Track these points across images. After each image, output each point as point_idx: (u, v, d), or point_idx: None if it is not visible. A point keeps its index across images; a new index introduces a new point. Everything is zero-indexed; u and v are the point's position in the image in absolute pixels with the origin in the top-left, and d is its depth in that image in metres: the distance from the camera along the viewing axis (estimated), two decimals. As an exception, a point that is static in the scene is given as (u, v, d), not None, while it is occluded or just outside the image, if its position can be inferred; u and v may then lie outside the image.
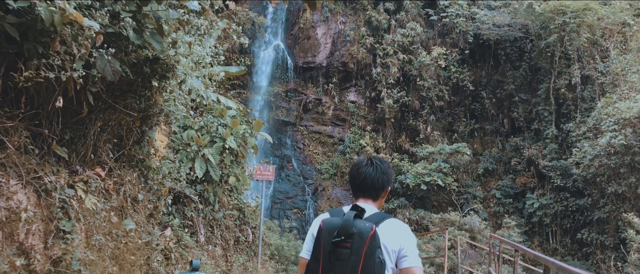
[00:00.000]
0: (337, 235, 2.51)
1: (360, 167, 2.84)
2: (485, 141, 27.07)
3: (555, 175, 23.68)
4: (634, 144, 19.23)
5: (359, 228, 2.52)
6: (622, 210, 20.97)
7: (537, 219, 24.13)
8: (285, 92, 27.03)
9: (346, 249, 2.49)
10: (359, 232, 2.51)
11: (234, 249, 11.43)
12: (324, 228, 2.57)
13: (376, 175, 2.80)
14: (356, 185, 2.85)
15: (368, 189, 2.80)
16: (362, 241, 2.49)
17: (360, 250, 2.48)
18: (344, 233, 2.51)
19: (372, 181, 2.80)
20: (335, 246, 2.51)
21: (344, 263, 2.49)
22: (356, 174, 2.84)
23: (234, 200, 11.75)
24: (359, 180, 2.82)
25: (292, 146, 26.83)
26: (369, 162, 2.85)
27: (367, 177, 2.80)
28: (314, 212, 25.31)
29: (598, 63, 23.01)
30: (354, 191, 2.87)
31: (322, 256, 2.55)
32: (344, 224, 2.53)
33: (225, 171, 10.32)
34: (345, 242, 2.50)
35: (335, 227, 2.54)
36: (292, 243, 20.02)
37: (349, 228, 2.52)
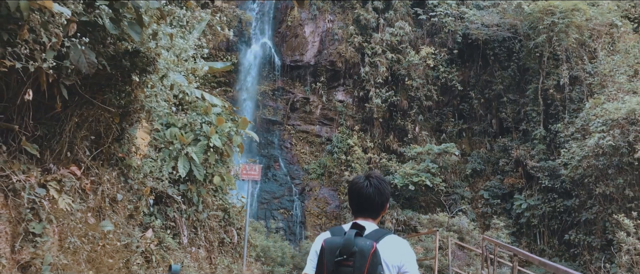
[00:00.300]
0: (339, 254, 2.58)
1: (360, 189, 2.89)
2: (474, 141, 26.98)
3: (543, 176, 23.63)
4: (621, 145, 19.18)
5: (360, 246, 2.60)
6: (610, 211, 20.96)
7: (525, 220, 24.05)
8: (273, 91, 26.69)
9: (349, 268, 2.57)
10: (361, 250, 2.59)
11: (218, 251, 11.10)
12: (326, 247, 2.64)
13: (375, 196, 2.86)
14: (356, 205, 2.92)
15: (368, 209, 2.88)
16: (364, 258, 2.57)
17: (363, 268, 2.55)
18: (346, 252, 2.59)
19: (372, 202, 2.87)
20: (338, 265, 2.58)
21: None
22: (356, 195, 2.90)
23: (219, 200, 11.41)
24: (359, 201, 2.89)
25: (279, 146, 26.50)
26: (368, 184, 2.88)
27: (367, 199, 2.86)
28: (301, 212, 25.01)
29: (586, 64, 23.00)
30: (354, 210, 2.93)
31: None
32: (345, 243, 2.61)
33: (210, 170, 9.98)
34: (347, 260, 2.58)
35: (338, 246, 2.61)
36: (278, 244, 19.73)
37: (351, 247, 2.60)
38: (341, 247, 2.62)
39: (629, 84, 20.72)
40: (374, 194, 2.86)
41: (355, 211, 2.93)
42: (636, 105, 18.94)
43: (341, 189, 25.28)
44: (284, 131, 26.54)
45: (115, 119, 6.97)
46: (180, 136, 9.59)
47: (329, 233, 2.85)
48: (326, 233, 2.87)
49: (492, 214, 24.94)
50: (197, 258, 10.10)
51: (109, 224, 6.68)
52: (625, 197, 19.91)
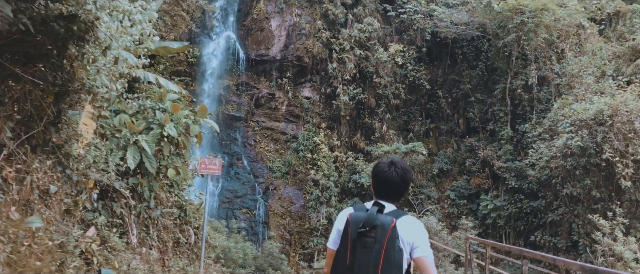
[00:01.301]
0: (362, 226, 2.84)
1: (387, 176, 3.07)
2: (441, 141, 26.63)
3: (509, 176, 23.43)
4: (589, 146, 19.06)
5: (381, 221, 2.85)
6: (576, 212, 20.87)
7: (491, 221, 23.81)
8: (236, 86, 25.69)
9: (371, 238, 2.81)
10: (382, 224, 2.83)
11: (172, 252, 10.14)
12: (351, 220, 2.90)
13: (401, 184, 3.06)
14: (380, 189, 3.10)
15: (390, 193, 3.08)
16: (384, 231, 2.81)
17: (383, 239, 2.80)
18: (368, 224, 2.83)
19: (395, 187, 3.06)
20: (361, 236, 2.84)
21: (368, 249, 2.81)
22: (382, 181, 3.08)
23: (174, 197, 10.45)
24: (384, 186, 3.08)
25: (242, 143, 25.52)
26: (394, 172, 3.06)
27: (391, 184, 3.06)
28: (264, 212, 24.10)
29: (554, 64, 22.92)
30: (377, 192, 3.12)
31: (349, 244, 2.86)
32: (369, 217, 2.86)
33: (163, 162, 9.03)
34: (369, 232, 2.82)
35: (361, 219, 2.87)
36: (240, 245, 18.82)
37: (374, 220, 2.85)
38: (365, 220, 2.86)
39: (596, 85, 20.67)
40: (399, 182, 3.06)
41: (378, 193, 3.11)
42: (604, 106, 18.85)
43: (307, 188, 24.51)
44: (247, 127, 25.58)
45: (48, 98, 6.00)
46: (130, 124, 8.62)
47: (352, 209, 3.06)
48: (349, 209, 3.08)
49: (458, 214, 24.61)
50: (148, 260, 9.13)
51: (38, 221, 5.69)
52: (591, 199, 19.81)
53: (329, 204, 23.98)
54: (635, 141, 18.47)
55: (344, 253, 2.91)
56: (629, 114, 18.61)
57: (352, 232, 2.88)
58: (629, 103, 18.66)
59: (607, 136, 18.74)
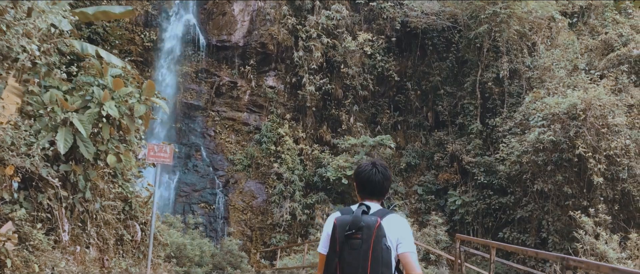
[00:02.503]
0: (348, 228, 2.95)
1: (369, 175, 3.18)
2: (409, 134, 25.86)
3: (478, 171, 22.84)
4: (562, 141, 18.55)
5: (366, 222, 2.95)
6: (546, 209, 20.42)
7: (459, 217, 23.19)
8: (196, 73, 24.21)
9: (358, 240, 2.92)
10: (367, 225, 2.93)
11: (115, 251, 8.85)
12: (337, 224, 3.01)
13: (382, 182, 3.18)
14: (364, 189, 3.20)
15: (374, 193, 3.18)
16: (370, 231, 2.91)
17: (369, 239, 2.90)
18: (354, 227, 2.94)
19: (379, 186, 3.17)
20: (348, 238, 2.95)
21: (356, 250, 2.90)
22: (364, 180, 3.19)
23: (118, 188, 9.15)
24: (367, 185, 3.19)
25: (201, 133, 24.08)
26: (376, 171, 3.17)
27: (375, 184, 3.16)
28: (223, 206, 22.78)
29: (526, 57, 22.41)
30: (361, 192, 3.23)
31: (338, 246, 2.94)
32: (354, 220, 2.97)
33: (102, 147, 7.72)
34: (356, 234, 2.93)
35: (347, 222, 2.99)
36: (196, 242, 17.50)
37: (359, 222, 2.95)
38: (350, 222, 2.96)
39: (568, 79, 20.21)
40: (382, 181, 3.18)
41: (362, 193, 3.21)
42: (577, 100, 18.37)
43: (270, 182, 23.31)
44: (207, 117, 24.16)
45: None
46: (63, 101, 7.29)
47: (339, 213, 3.15)
48: (336, 213, 3.17)
49: (426, 210, 23.92)
50: (83, 260, 7.83)
51: None
52: (562, 194, 19.35)
53: (292, 198, 22.86)
54: (608, 136, 18.05)
55: (333, 256, 2.97)
56: (602, 108, 18.18)
57: (339, 235, 2.95)
58: (601, 97, 18.23)
59: (580, 131, 18.27)
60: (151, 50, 23.21)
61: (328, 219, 3.21)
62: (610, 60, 20.15)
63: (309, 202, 22.85)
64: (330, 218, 3.19)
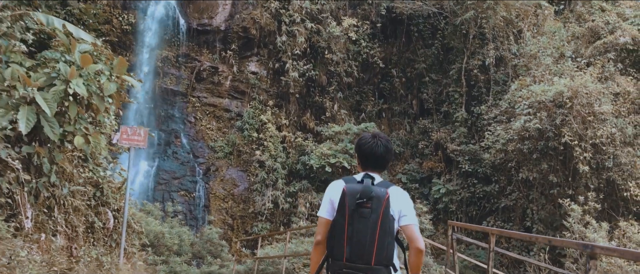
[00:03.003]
0: (359, 197, 3.02)
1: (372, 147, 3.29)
2: (393, 122, 25.53)
3: (463, 160, 22.62)
4: (548, 129, 18.36)
5: (376, 192, 3.05)
6: (531, 197, 20.29)
7: (442, 206, 22.99)
8: (176, 57, 23.51)
9: (367, 209, 3.00)
10: (377, 195, 3.03)
11: (85, 239, 8.33)
12: (347, 191, 3.06)
13: (385, 155, 3.32)
14: (365, 161, 3.32)
15: (377, 165, 3.31)
16: (380, 202, 3.01)
17: (379, 209, 3.00)
18: (365, 196, 3.02)
19: (382, 158, 3.31)
20: (358, 206, 3.02)
21: (366, 219, 2.99)
22: (367, 152, 3.30)
23: (88, 172, 8.61)
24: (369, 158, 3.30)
25: (181, 119, 23.44)
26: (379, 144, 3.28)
27: (378, 156, 3.29)
28: (204, 195, 22.24)
29: (512, 44, 22.15)
30: (363, 165, 3.34)
31: (347, 214, 3.00)
32: (365, 189, 3.06)
33: (69, 128, 7.17)
34: (366, 203, 3.01)
35: (358, 191, 3.06)
36: (175, 230, 17.01)
37: (369, 192, 3.04)
38: (361, 191, 3.04)
39: (555, 66, 20.00)
40: (384, 153, 3.32)
41: (364, 166, 3.34)
42: (564, 87, 18.16)
43: (251, 169, 22.82)
44: (187, 103, 23.51)
45: None
46: (25, 77, 6.71)
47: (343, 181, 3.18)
48: (340, 181, 3.21)
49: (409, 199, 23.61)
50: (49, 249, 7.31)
51: None
52: (547, 183, 19.20)
53: (275, 187, 22.41)
54: (594, 124, 17.89)
55: (342, 221, 3.01)
56: (588, 96, 17.99)
57: (349, 203, 2.99)
58: (588, 85, 18.04)
59: (567, 119, 18.09)
60: (129, 33, 22.45)
61: (332, 186, 3.24)
62: (597, 48, 19.98)
63: (291, 191, 22.43)
64: (335, 185, 3.22)
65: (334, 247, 3.04)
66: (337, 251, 3.01)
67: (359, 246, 2.96)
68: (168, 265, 15.08)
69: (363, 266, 2.96)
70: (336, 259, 3.02)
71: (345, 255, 2.98)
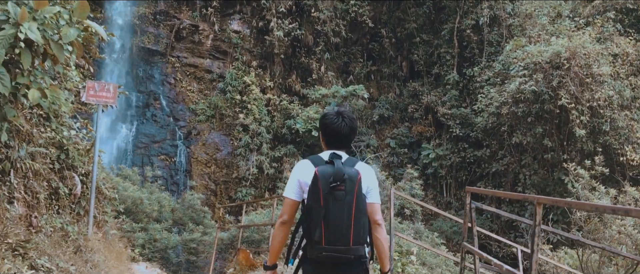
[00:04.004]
0: (333, 181, 2.94)
1: (336, 127, 3.15)
2: (382, 85, 24.66)
3: (454, 124, 21.95)
4: (544, 91, 17.68)
5: (349, 174, 2.97)
6: (523, 162, 19.78)
7: (432, 171, 22.41)
8: (154, 15, 22.16)
9: (341, 192, 2.93)
10: (350, 177, 2.96)
11: (47, 206, 7.42)
12: (320, 175, 2.95)
13: (349, 132, 3.17)
14: (330, 140, 3.19)
15: (342, 142, 3.18)
16: (353, 184, 2.95)
17: (353, 191, 2.94)
18: (338, 179, 2.94)
19: (345, 137, 3.17)
20: (332, 190, 2.93)
21: (340, 202, 2.92)
22: (331, 131, 3.17)
23: (50, 132, 7.65)
24: (334, 137, 3.17)
25: (160, 81, 22.29)
26: (343, 122, 3.15)
27: (341, 135, 3.15)
28: (185, 159, 21.34)
29: (506, 3, 21.25)
30: (327, 143, 3.22)
31: (322, 198, 2.91)
32: (337, 172, 2.96)
33: (23, 79, 6.18)
34: (339, 186, 2.93)
35: (330, 174, 2.96)
36: (155, 196, 16.15)
37: (342, 174, 2.95)
38: (334, 175, 2.94)
39: (551, 26, 19.21)
40: (349, 132, 3.17)
41: (329, 143, 3.20)
42: (561, 48, 17.41)
43: (235, 133, 21.88)
44: (166, 63, 22.32)
45: None
46: (-35, 18, 5.69)
47: (309, 161, 3.11)
48: (306, 162, 3.14)
49: (398, 164, 23.03)
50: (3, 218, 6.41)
51: None
52: (541, 147, 18.66)
53: (259, 151, 21.56)
54: (592, 86, 17.25)
55: (318, 207, 2.93)
56: (586, 57, 17.28)
57: (323, 187, 2.92)
58: (586, 46, 17.31)
59: (564, 81, 17.41)
60: (103, -12, 21.05)
61: (300, 167, 3.16)
62: (596, 7, 19.20)
63: (277, 156, 21.61)
64: (303, 166, 3.14)
65: (311, 231, 2.97)
66: (315, 235, 2.95)
67: (336, 229, 2.92)
68: (147, 233, 14.29)
69: (342, 248, 2.93)
70: (315, 243, 2.95)
71: (323, 239, 2.93)
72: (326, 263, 2.96)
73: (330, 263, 2.96)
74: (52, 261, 6.27)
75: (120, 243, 9.65)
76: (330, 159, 3.04)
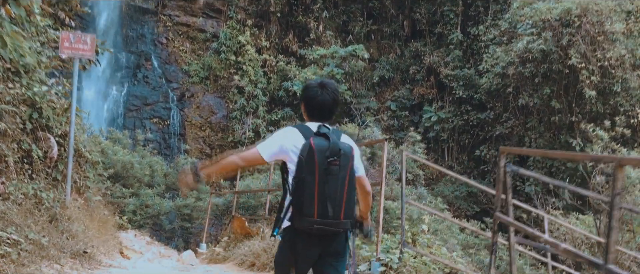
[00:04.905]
0: (329, 155, 2.86)
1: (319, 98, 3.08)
2: (383, 45, 23.73)
3: (457, 85, 21.17)
4: (553, 50, 16.86)
5: (343, 149, 2.91)
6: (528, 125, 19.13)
7: (433, 134, 21.75)
8: (144, -30, 21.10)
9: (336, 166, 2.87)
10: (345, 152, 2.91)
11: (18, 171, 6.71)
12: (316, 149, 2.87)
13: (332, 104, 3.13)
14: (313, 112, 3.13)
15: (325, 115, 3.12)
16: (347, 159, 2.91)
17: (347, 166, 2.90)
18: (335, 153, 2.87)
19: (329, 109, 3.13)
20: (328, 164, 2.87)
21: (335, 176, 2.86)
22: (314, 104, 3.10)
23: (20, 88, 6.88)
24: (317, 109, 3.11)
25: (151, 41, 21.34)
26: (325, 94, 3.09)
27: (324, 107, 3.11)
28: (179, 122, 20.60)
29: (514, -43, 20.17)
30: (311, 115, 3.14)
31: (317, 172, 2.84)
32: (333, 146, 2.88)
33: (-21, 25, 5.40)
34: (335, 161, 2.87)
35: (327, 148, 2.87)
36: (147, 160, 15.50)
37: (337, 149, 2.89)
38: (330, 149, 2.87)
39: (562, -18, 18.21)
40: (332, 104, 3.12)
41: (312, 116, 3.14)
42: (572, 4, 16.52)
43: (230, 96, 21.10)
44: (158, 22, 21.33)
45: None
46: None
47: (298, 131, 3.00)
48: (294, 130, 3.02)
49: (399, 127, 22.35)
50: (-37, 185, 5.74)
51: None
52: (549, 110, 17.96)
53: (255, 114, 20.83)
54: (604, 44, 16.42)
55: (312, 180, 2.87)
56: (598, 14, 16.41)
57: (320, 161, 2.86)
58: (599, 2, 16.43)
59: (574, 39, 16.58)
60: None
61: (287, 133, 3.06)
62: (609, -40, 18.16)
63: (273, 119, 20.88)
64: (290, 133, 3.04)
65: (303, 204, 2.90)
66: (307, 208, 2.89)
67: (330, 204, 2.89)
68: (138, 198, 13.69)
69: (334, 222, 2.90)
70: (307, 216, 2.89)
71: (316, 212, 2.88)
72: (314, 234, 2.90)
73: (318, 235, 2.91)
74: (20, 232, 5.61)
75: (106, 210, 9.00)
76: (322, 132, 2.95)
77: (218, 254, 8.71)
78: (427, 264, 5.51)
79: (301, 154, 2.87)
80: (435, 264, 5.57)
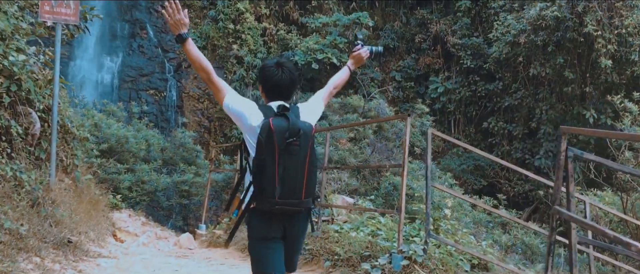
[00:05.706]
0: (288, 136, 2.85)
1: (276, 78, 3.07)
2: (387, 12, 22.81)
3: (465, 55, 20.40)
4: (567, 17, 16.06)
5: (304, 129, 2.90)
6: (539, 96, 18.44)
7: (439, 106, 21.08)
8: None
9: (296, 147, 2.87)
10: (305, 132, 2.90)
11: (-4, 151, 6.07)
12: (275, 129, 2.85)
13: (289, 84, 3.11)
14: (271, 91, 3.11)
15: (283, 94, 3.11)
16: (307, 138, 2.91)
17: (307, 146, 2.90)
18: (294, 134, 2.87)
19: (286, 89, 3.11)
20: (287, 145, 2.86)
21: (295, 156, 2.87)
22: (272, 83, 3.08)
23: (-6, 58, 6.18)
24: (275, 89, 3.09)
25: (146, 8, 20.41)
26: (282, 73, 3.08)
27: (282, 87, 3.09)
28: (176, 94, 19.84)
29: None
30: (270, 94, 3.12)
31: (277, 153, 2.83)
32: (292, 127, 2.87)
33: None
34: (295, 141, 2.87)
35: (286, 128, 2.87)
36: (142, 134, 14.82)
37: (297, 129, 2.88)
38: (290, 130, 2.86)
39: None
40: (289, 84, 3.10)
41: (270, 96, 3.12)
42: (589, -31, 15.66)
43: (228, 66, 20.29)
44: (153, -12, 20.38)
45: None
46: None
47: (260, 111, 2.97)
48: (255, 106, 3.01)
49: (404, 99, 21.66)
50: None
51: None
52: (561, 80, 17.25)
53: (255, 86, 20.06)
54: (622, 11, 15.63)
55: (272, 161, 2.85)
56: (617, -22, 15.59)
57: (279, 143, 2.85)
58: (618, -34, 15.58)
59: (590, 6, 15.78)
60: None
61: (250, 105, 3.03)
62: None
63: (275, 90, 20.12)
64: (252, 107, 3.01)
65: (264, 185, 2.87)
66: (268, 189, 2.87)
67: (290, 184, 2.89)
68: (134, 174, 13.05)
69: (295, 201, 2.92)
70: (268, 197, 2.87)
71: (277, 193, 2.86)
72: (277, 214, 2.92)
73: (280, 214, 2.92)
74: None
75: (97, 190, 8.36)
76: (281, 112, 2.93)
77: (218, 237, 8.13)
78: (452, 255, 4.91)
79: (260, 135, 2.85)
80: (462, 255, 4.96)
